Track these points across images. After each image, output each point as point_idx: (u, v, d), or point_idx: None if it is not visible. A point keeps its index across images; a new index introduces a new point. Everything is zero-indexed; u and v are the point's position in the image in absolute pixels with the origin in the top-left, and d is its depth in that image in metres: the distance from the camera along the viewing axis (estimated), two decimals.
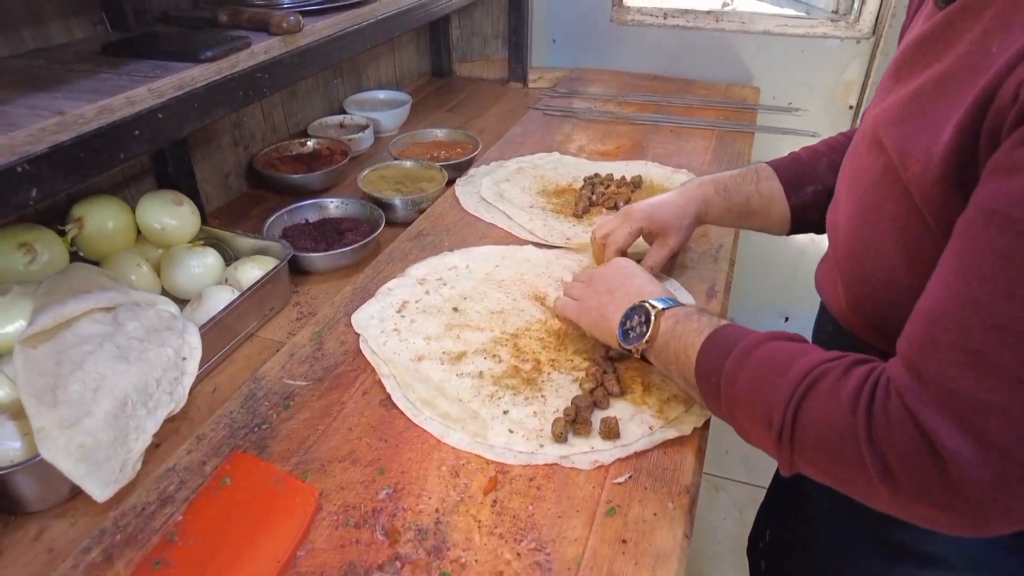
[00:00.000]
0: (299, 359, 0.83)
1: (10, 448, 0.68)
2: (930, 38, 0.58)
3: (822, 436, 0.51)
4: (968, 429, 0.43)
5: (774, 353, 0.58)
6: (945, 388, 0.45)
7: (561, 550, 0.60)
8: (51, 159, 0.64)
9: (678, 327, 0.67)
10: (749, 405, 0.58)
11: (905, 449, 0.46)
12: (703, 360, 0.63)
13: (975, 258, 0.45)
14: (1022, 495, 0.44)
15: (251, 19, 0.93)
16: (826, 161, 0.87)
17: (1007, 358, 0.42)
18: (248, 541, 0.60)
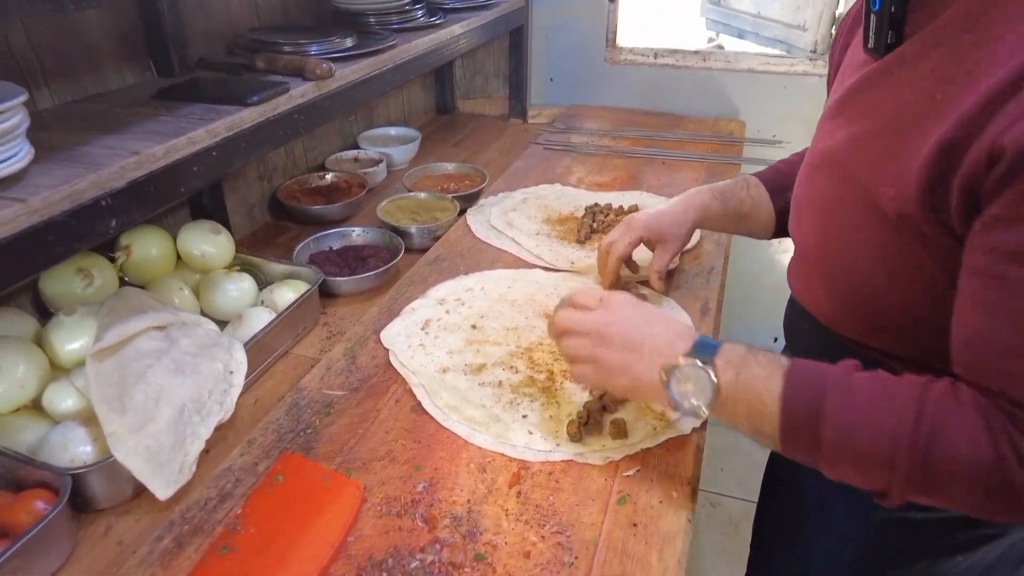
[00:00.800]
0: (335, 372, 0.91)
1: (83, 451, 0.75)
2: (871, 83, 0.66)
3: (962, 471, 0.53)
4: None
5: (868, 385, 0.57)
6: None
7: (580, 533, 0.68)
8: (128, 193, 0.73)
9: (741, 376, 0.61)
10: (861, 448, 0.56)
11: None
12: (791, 408, 0.58)
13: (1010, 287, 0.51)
14: None
15: (286, 65, 1.04)
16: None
17: None
18: (303, 529, 0.68)
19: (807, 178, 0.78)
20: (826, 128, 0.74)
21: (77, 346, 0.84)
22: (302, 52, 1.10)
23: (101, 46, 1.00)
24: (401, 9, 1.37)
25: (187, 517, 0.70)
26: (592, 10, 1.91)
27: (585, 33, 1.94)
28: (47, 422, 0.81)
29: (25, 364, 0.80)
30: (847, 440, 0.56)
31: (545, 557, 0.66)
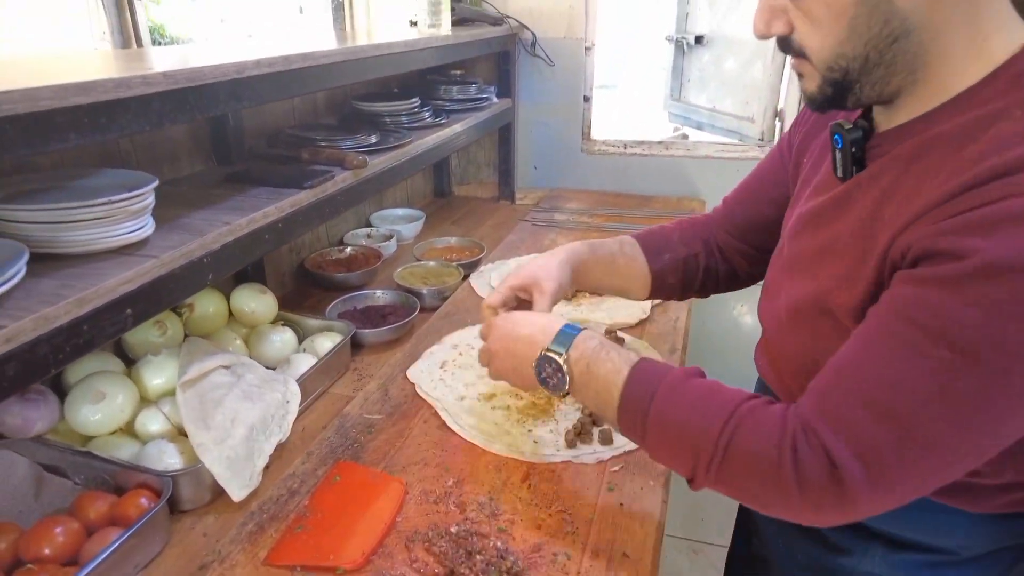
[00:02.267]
0: (372, 401, 1.10)
1: (173, 462, 0.93)
2: (836, 203, 0.73)
3: (750, 464, 0.63)
4: (857, 451, 0.58)
5: (699, 389, 0.69)
6: (846, 423, 0.59)
7: (579, 512, 0.87)
8: (221, 253, 0.94)
9: (591, 368, 0.75)
10: (678, 435, 0.68)
11: (816, 469, 0.60)
12: (629, 396, 0.72)
13: (878, 334, 0.60)
14: (885, 497, 0.59)
15: (328, 157, 1.28)
16: (678, 236, 1.02)
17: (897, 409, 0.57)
18: (360, 513, 0.85)
19: (781, 273, 0.83)
20: (797, 233, 0.79)
21: (161, 381, 1.03)
22: (336, 146, 1.35)
23: (178, 143, 1.24)
24: (411, 111, 1.64)
25: (264, 509, 0.88)
26: (569, 109, 2.22)
27: (563, 128, 2.25)
28: (136, 442, 0.98)
29: (123, 394, 0.98)
30: (665, 431, 0.69)
31: (553, 528, 0.84)
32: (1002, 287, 0.53)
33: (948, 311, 0.55)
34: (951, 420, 0.56)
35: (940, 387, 0.56)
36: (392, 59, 1.34)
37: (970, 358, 0.55)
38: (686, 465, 0.68)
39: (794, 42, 0.66)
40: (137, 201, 0.84)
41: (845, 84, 0.65)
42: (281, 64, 0.99)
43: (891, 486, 0.59)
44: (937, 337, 0.56)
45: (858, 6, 0.61)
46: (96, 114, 0.70)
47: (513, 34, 2.09)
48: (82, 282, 0.75)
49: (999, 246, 0.53)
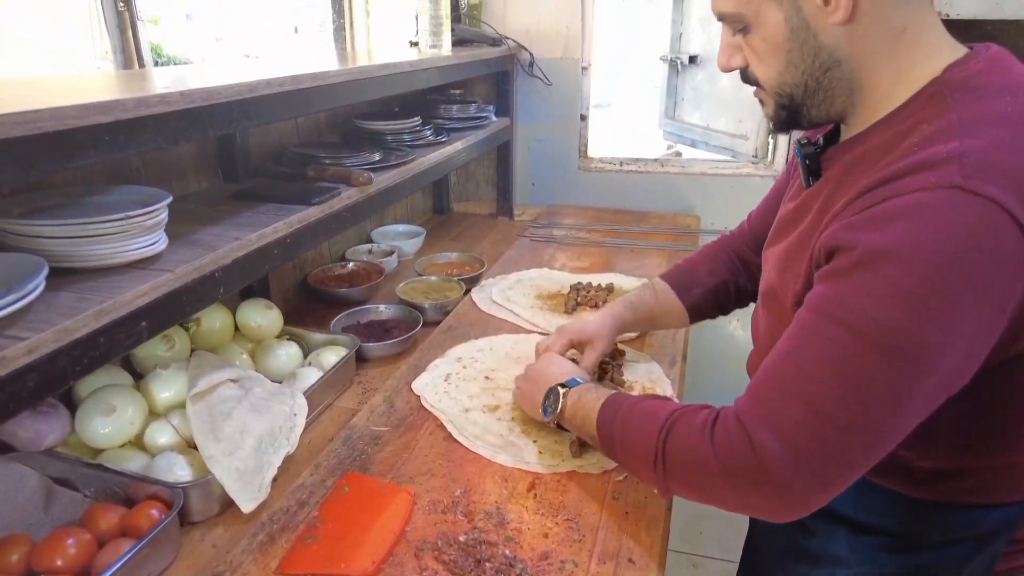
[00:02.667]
0: (378, 414, 1.11)
1: (183, 474, 0.94)
2: (797, 209, 0.82)
3: (684, 459, 0.73)
4: (774, 431, 0.65)
5: (646, 407, 0.81)
6: (765, 406, 0.67)
7: (585, 520, 0.88)
8: (232, 268, 0.96)
9: (581, 399, 0.92)
10: (632, 446, 0.80)
11: (736, 449, 0.67)
12: (601, 420, 0.87)
13: (793, 328, 0.68)
14: (810, 479, 0.64)
15: (334, 175, 1.30)
16: (704, 268, 1.16)
17: (805, 391, 0.64)
18: (370, 523, 0.86)
19: (763, 277, 0.92)
20: (772, 238, 0.90)
21: (170, 394, 1.04)
22: (340, 163, 1.37)
23: (186, 160, 1.26)
24: (413, 130, 1.67)
25: (274, 519, 0.89)
26: (566, 127, 2.26)
27: (561, 146, 2.28)
28: (146, 455, 0.99)
29: (132, 407, 0.99)
30: (625, 443, 0.82)
31: (559, 536, 0.85)
32: (881, 273, 0.61)
33: (843, 298, 0.64)
34: (853, 398, 0.62)
35: (840, 367, 0.63)
36: (397, 78, 1.37)
37: (864, 339, 0.62)
38: (645, 472, 0.79)
39: (751, 74, 0.79)
40: (152, 216, 0.86)
41: (793, 108, 0.76)
42: (291, 83, 1.02)
43: (810, 464, 0.64)
44: (836, 322, 0.64)
45: (791, 42, 0.72)
46: (116, 132, 0.72)
47: (511, 55, 2.13)
48: (99, 295, 0.77)
49: (879, 238, 0.61)
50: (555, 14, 2.15)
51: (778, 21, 0.71)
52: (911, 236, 0.59)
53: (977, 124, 0.62)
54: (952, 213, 0.59)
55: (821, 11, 0.69)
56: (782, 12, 0.71)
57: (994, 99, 0.64)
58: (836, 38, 0.70)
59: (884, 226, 0.61)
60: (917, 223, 0.60)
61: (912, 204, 0.60)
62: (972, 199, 0.58)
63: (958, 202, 0.59)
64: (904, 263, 0.59)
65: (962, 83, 0.67)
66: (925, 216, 0.60)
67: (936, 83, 0.68)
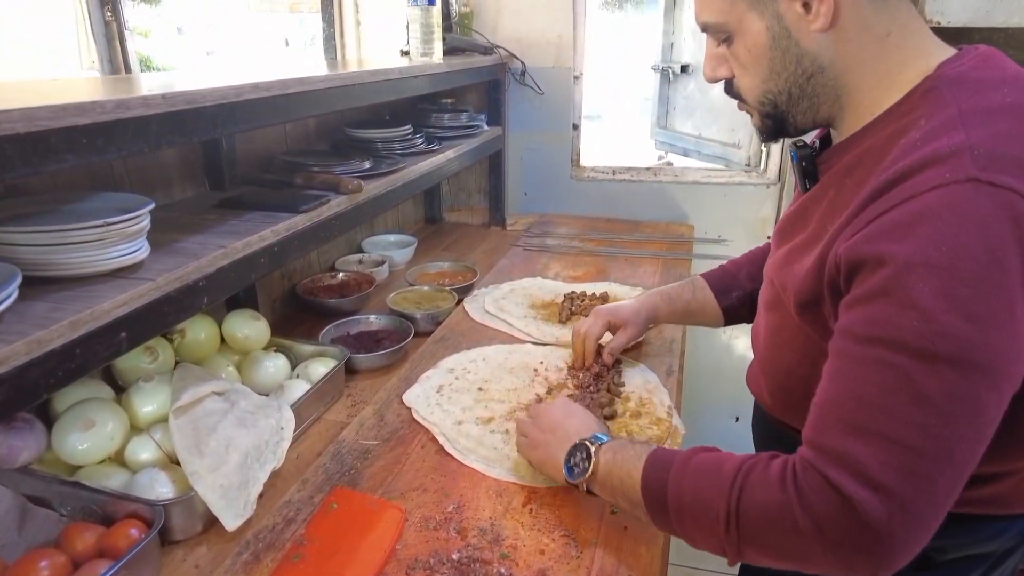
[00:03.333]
0: (368, 427, 1.08)
1: (165, 491, 0.90)
2: (797, 214, 0.82)
3: (763, 516, 0.64)
4: (863, 479, 0.59)
5: (705, 461, 0.71)
6: (841, 453, 0.61)
7: (583, 536, 0.85)
8: (217, 277, 0.93)
9: (616, 457, 0.79)
10: (694, 509, 0.69)
11: (828, 507, 0.60)
12: (647, 480, 0.74)
13: (842, 362, 0.64)
14: (910, 520, 0.58)
15: (323, 182, 1.28)
16: (745, 272, 1.14)
17: (880, 426, 0.59)
18: (359, 540, 0.83)
19: (763, 287, 0.92)
20: (774, 243, 0.90)
21: (152, 408, 1.00)
22: (330, 171, 1.35)
23: (171, 168, 1.23)
24: (404, 138, 1.65)
25: (260, 538, 0.85)
26: (558, 136, 2.24)
27: (553, 155, 2.27)
28: (127, 471, 0.95)
29: (113, 421, 0.95)
30: (683, 505, 0.70)
31: (557, 553, 0.82)
32: (920, 283, 0.58)
33: (890, 319, 0.60)
34: (935, 421, 0.58)
35: (911, 392, 0.58)
36: (387, 85, 1.35)
37: (924, 355, 0.58)
38: (713, 538, 0.69)
39: (734, 85, 0.79)
40: (132, 223, 0.83)
41: (778, 116, 0.77)
42: (278, 88, 0.99)
43: (908, 504, 0.58)
44: (890, 346, 0.59)
45: (773, 50, 0.72)
46: (94, 135, 0.69)
47: (503, 63, 2.12)
48: (76, 305, 0.73)
49: (908, 248, 0.58)
50: (547, 23, 2.14)
51: (760, 29, 0.72)
52: (941, 239, 0.57)
53: (979, 115, 0.62)
54: (975, 208, 0.57)
55: (802, 19, 0.70)
56: (764, 21, 0.72)
57: (992, 91, 0.64)
58: (818, 45, 0.71)
59: (909, 233, 0.59)
60: (943, 224, 0.57)
61: (933, 204, 0.58)
62: (992, 190, 0.57)
63: (979, 195, 0.57)
64: (942, 268, 0.57)
65: (957, 78, 0.66)
66: (949, 216, 0.58)
67: (930, 79, 0.68)
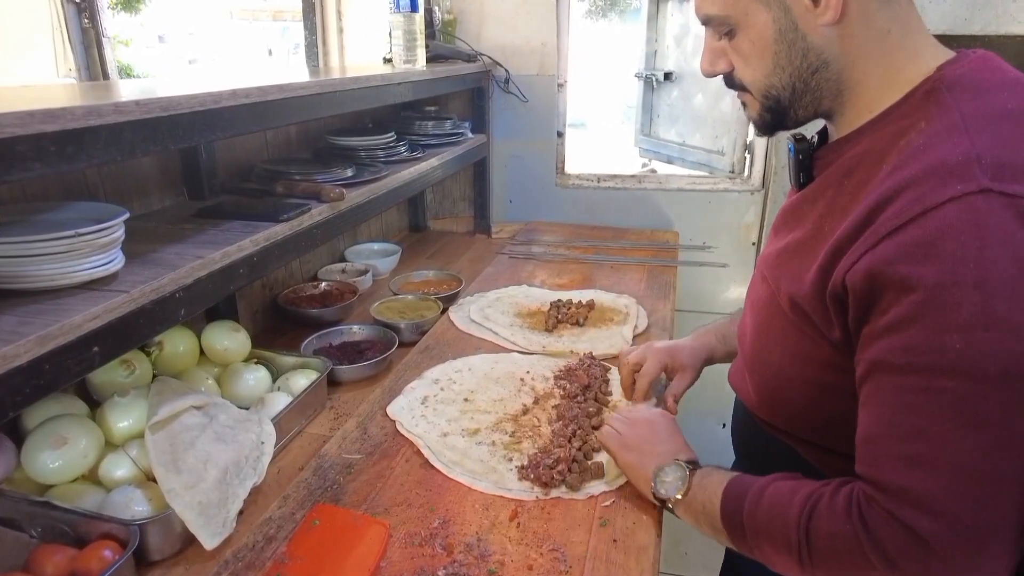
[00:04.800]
0: (351, 440, 1.06)
1: (141, 510, 0.87)
2: (793, 210, 0.81)
3: (832, 546, 0.65)
4: (927, 511, 0.59)
5: (780, 489, 0.72)
6: (902, 488, 0.60)
7: (572, 549, 0.83)
8: (194, 288, 0.90)
9: (704, 481, 0.81)
10: (769, 534, 0.71)
11: (897, 540, 0.60)
12: (726, 505, 0.76)
13: (883, 394, 0.63)
14: (979, 547, 0.58)
15: (304, 190, 1.25)
16: None
17: (939, 455, 0.59)
18: (343, 558, 0.81)
19: (751, 285, 0.93)
20: (768, 241, 0.90)
21: (128, 423, 0.97)
22: (311, 179, 1.32)
23: (148, 177, 1.21)
24: (387, 146, 1.63)
25: (239, 557, 0.82)
26: (543, 144, 2.24)
27: (538, 163, 2.26)
28: (101, 490, 0.92)
29: (86, 438, 0.92)
30: (759, 529, 0.72)
31: (545, 568, 0.80)
32: (955, 304, 0.57)
33: (930, 344, 0.58)
34: (993, 444, 0.57)
35: (966, 417, 0.58)
36: (369, 92, 1.33)
37: (973, 377, 0.57)
38: (791, 565, 0.70)
39: (736, 78, 0.78)
40: (106, 234, 0.81)
41: (780, 110, 0.76)
42: (257, 95, 0.97)
43: (976, 532, 0.58)
44: (937, 372, 0.58)
45: (778, 43, 0.71)
46: (64, 143, 0.67)
47: (487, 71, 2.11)
48: (45, 318, 0.71)
49: (934, 270, 0.58)
50: (531, 31, 2.14)
51: (766, 22, 0.71)
52: (966, 256, 0.57)
53: (981, 120, 0.62)
54: (994, 220, 0.57)
55: (810, 12, 0.69)
56: (770, 13, 0.70)
57: (994, 96, 0.64)
58: (824, 39, 0.70)
59: (932, 253, 0.58)
60: (966, 240, 0.57)
61: (951, 220, 0.58)
62: (1006, 200, 0.57)
63: (994, 206, 0.57)
64: (974, 285, 0.56)
65: (957, 81, 0.66)
66: (969, 231, 0.57)
67: (930, 81, 0.68)
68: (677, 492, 0.83)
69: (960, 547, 0.58)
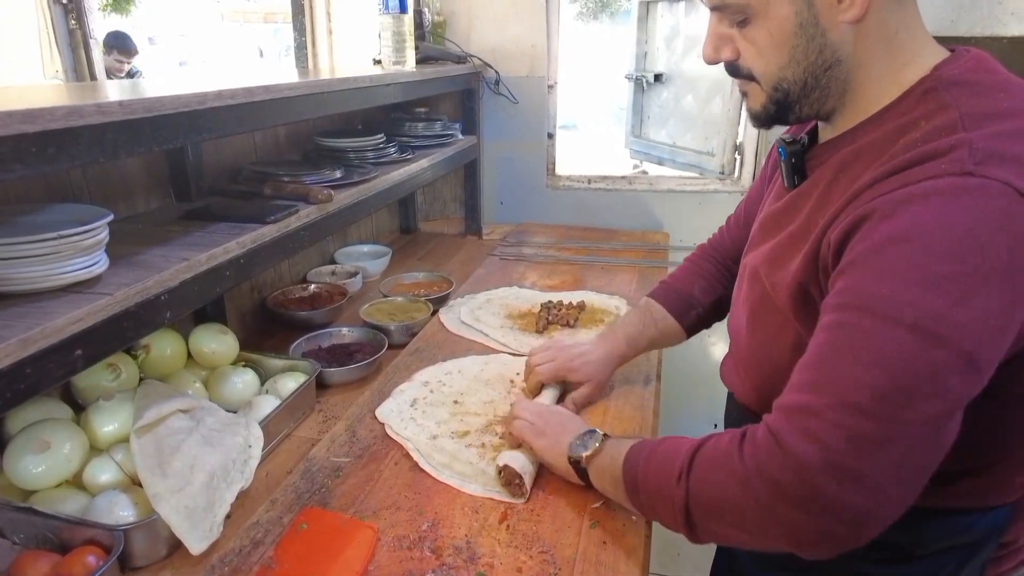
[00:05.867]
0: (339, 444, 1.05)
1: (126, 515, 0.86)
2: (784, 209, 0.82)
3: (713, 479, 0.67)
4: (810, 434, 0.60)
5: (669, 444, 0.76)
6: (795, 407, 0.62)
7: (561, 551, 0.83)
8: (179, 291, 0.90)
9: (617, 442, 0.85)
10: (657, 486, 0.73)
11: (774, 457, 0.62)
12: (626, 464, 0.80)
13: (818, 332, 0.65)
14: (855, 484, 0.58)
15: (292, 192, 1.25)
16: (698, 287, 1.15)
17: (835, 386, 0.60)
18: (330, 562, 0.80)
19: (741, 282, 0.92)
20: (753, 241, 0.90)
21: (113, 427, 0.96)
22: (300, 181, 1.32)
23: (134, 179, 1.20)
24: (377, 147, 1.63)
25: (226, 561, 0.82)
26: (533, 146, 2.24)
27: (528, 164, 2.26)
28: (85, 495, 0.91)
29: (71, 443, 0.91)
30: (647, 486, 0.75)
31: (534, 570, 0.80)
32: (896, 255, 0.60)
33: (862, 286, 0.61)
34: (888, 386, 0.58)
35: (869, 354, 0.59)
36: (357, 93, 1.32)
37: (888, 320, 0.59)
38: (669, 511, 0.72)
39: (742, 67, 0.76)
40: (89, 236, 0.80)
41: (787, 103, 0.76)
42: (243, 96, 0.96)
43: (851, 466, 0.58)
44: (858, 310, 0.61)
45: (797, 37, 0.71)
46: (44, 144, 0.66)
47: (477, 72, 2.11)
48: (26, 321, 0.70)
49: (891, 224, 0.61)
50: (520, 32, 2.14)
51: (788, 14, 0.70)
52: (926, 218, 0.59)
53: (979, 118, 0.63)
54: (965, 196, 0.58)
55: (833, 7, 0.69)
56: (794, 5, 0.70)
57: (991, 95, 0.65)
58: (842, 36, 0.70)
59: (896, 212, 0.61)
60: (930, 206, 0.59)
61: (926, 190, 0.60)
62: (985, 183, 0.58)
63: (971, 186, 0.58)
64: (922, 243, 0.58)
65: (955, 80, 0.67)
66: (937, 200, 0.59)
67: (928, 80, 0.69)
68: (587, 450, 0.86)
69: (827, 476, 0.58)
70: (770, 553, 0.86)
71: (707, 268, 1.16)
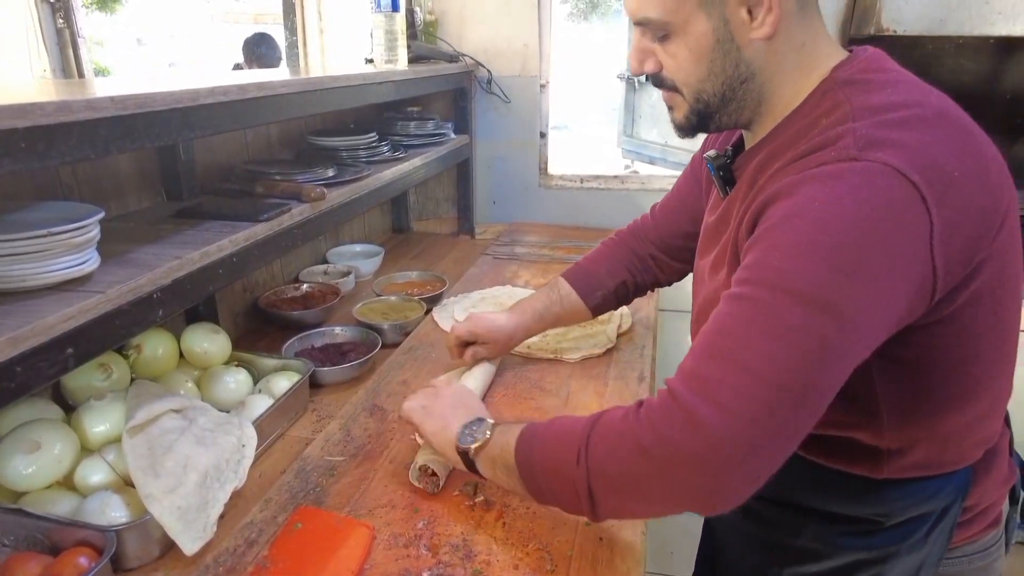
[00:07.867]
0: (333, 443, 1.04)
1: (118, 516, 0.85)
2: (721, 217, 0.86)
3: (613, 454, 0.68)
4: (711, 398, 0.63)
5: (560, 425, 0.77)
6: (695, 374, 0.65)
7: (557, 548, 0.83)
8: (172, 289, 0.89)
9: (506, 430, 0.83)
10: (555, 469, 0.73)
11: (673, 420, 0.64)
12: (519, 451, 0.78)
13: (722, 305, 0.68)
14: (750, 444, 0.61)
15: (284, 190, 1.24)
16: (605, 268, 1.22)
17: (735, 354, 0.63)
18: (325, 563, 0.79)
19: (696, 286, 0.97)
20: (702, 247, 0.94)
21: (105, 427, 0.95)
22: (292, 180, 1.31)
23: (125, 178, 1.19)
24: (369, 146, 1.62)
25: (220, 562, 0.81)
26: (526, 145, 2.24)
27: (521, 163, 2.26)
28: (76, 496, 0.90)
29: (61, 443, 0.90)
30: (544, 470, 0.75)
31: (531, 567, 0.80)
32: (786, 230, 0.64)
33: (758, 261, 0.66)
34: (783, 353, 0.61)
35: (764, 324, 0.63)
36: (350, 91, 1.32)
37: (778, 290, 0.63)
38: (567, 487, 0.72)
39: (666, 78, 0.80)
40: (80, 233, 0.79)
41: (707, 114, 0.80)
42: (236, 93, 0.96)
43: (749, 428, 0.61)
44: (752, 283, 0.65)
45: (715, 52, 0.75)
46: (34, 139, 0.66)
47: (469, 71, 2.10)
48: (16, 320, 0.69)
49: (785, 203, 0.66)
50: (512, 32, 2.14)
51: (706, 31, 0.74)
52: (814, 197, 0.64)
53: (866, 111, 0.68)
54: (851, 175, 0.63)
55: (745, 25, 0.73)
56: (711, 22, 0.74)
57: (878, 91, 0.70)
58: (756, 52, 0.75)
59: (792, 192, 0.66)
60: (819, 187, 0.64)
61: (816, 174, 0.65)
62: (868, 165, 0.63)
63: (856, 169, 0.63)
64: (810, 219, 0.63)
65: (849, 79, 0.73)
66: (825, 180, 0.64)
67: (826, 82, 0.74)
68: (476, 442, 0.84)
69: (728, 437, 0.61)
70: (752, 536, 0.90)
71: (618, 253, 1.23)
